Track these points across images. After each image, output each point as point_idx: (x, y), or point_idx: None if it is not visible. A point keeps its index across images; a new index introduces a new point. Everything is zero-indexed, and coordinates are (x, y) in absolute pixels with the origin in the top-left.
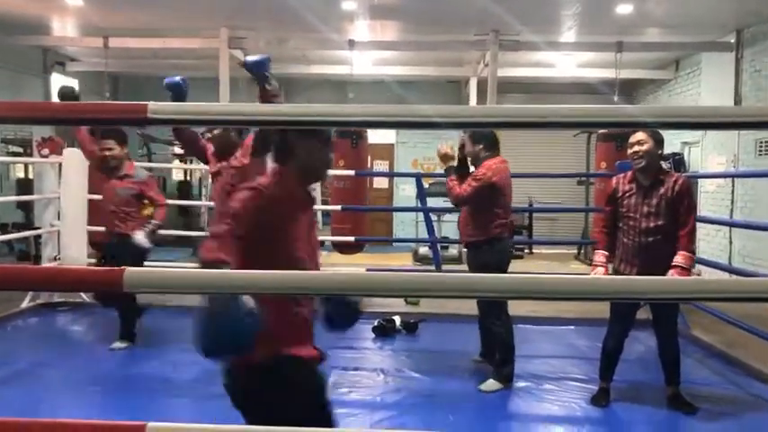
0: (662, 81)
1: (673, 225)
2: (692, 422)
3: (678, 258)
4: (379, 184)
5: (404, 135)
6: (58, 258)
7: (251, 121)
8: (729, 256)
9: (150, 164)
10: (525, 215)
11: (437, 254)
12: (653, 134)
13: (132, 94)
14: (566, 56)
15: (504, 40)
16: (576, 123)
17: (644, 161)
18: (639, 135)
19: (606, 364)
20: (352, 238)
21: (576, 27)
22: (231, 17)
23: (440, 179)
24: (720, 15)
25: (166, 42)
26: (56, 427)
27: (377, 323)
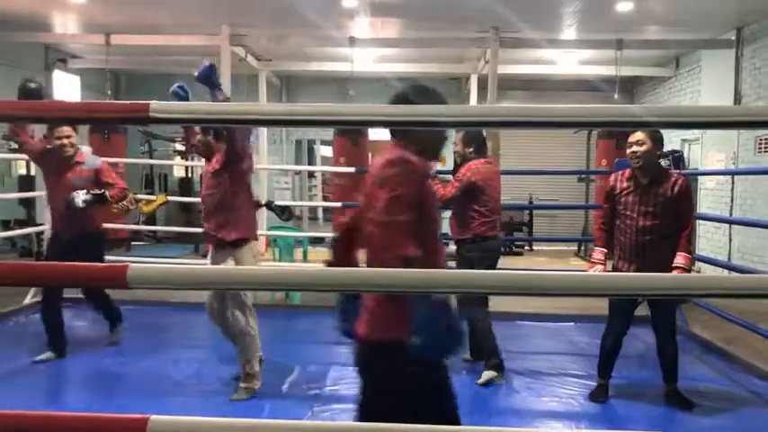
0: (662, 78)
1: (670, 225)
2: (689, 418)
3: (679, 260)
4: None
5: None
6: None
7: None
8: (729, 253)
9: (152, 161)
10: (525, 212)
11: None
12: (652, 134)
13: (134, 91)
14: (566, 53)
15: (505, 37)
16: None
17: (641, 161)
18: (638, 135)
19: (605, 361)
20: None
21: (577, 24)
22: (232, 14)
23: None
24: (721, 13)
25: (168, 39)
26: (59, 419)
27: None
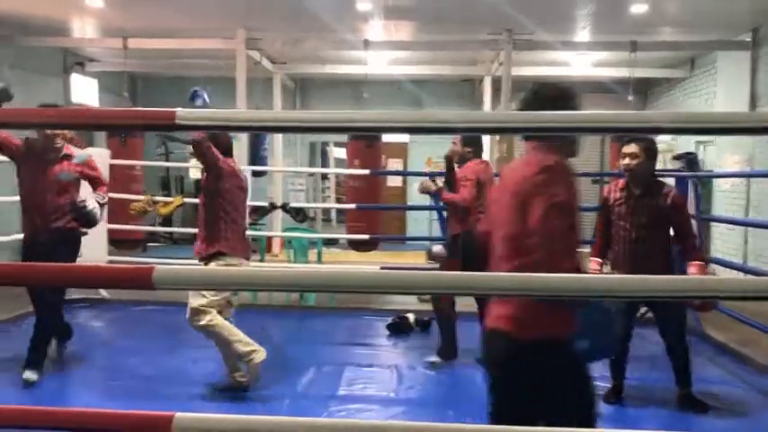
0: (677, 80)
1: (662, 236)
2: (702, 420)
3: (692, 269)
4: (393, 182)
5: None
6: (80, 256)
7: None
8: (744, 256)
9: (168, 163)
10: None
11: None
12: (645, 148)
13: (150, 93)
14: (580, 55)
15: (518, 39)
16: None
17: (634, 174)
18: (632, 148)
19: (614, 363)
20: (366, 236)
21: (591, 26)
22: (248, 18)
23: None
24: (736, 14)
25: (184, 43)
26: (86, 416)
27: (391, 320)
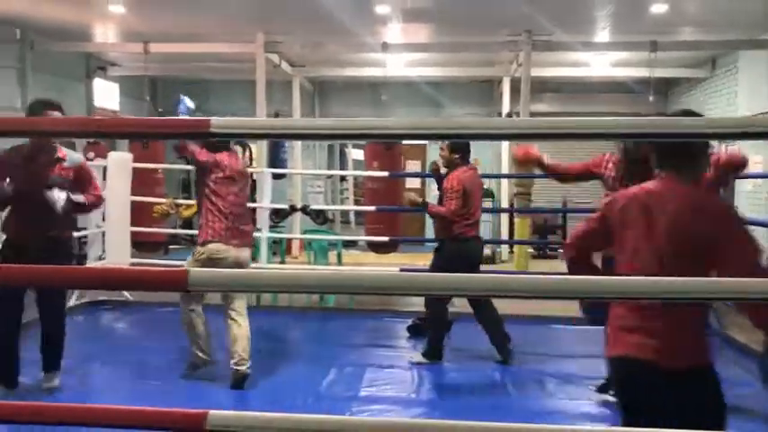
0: (698, 80)
1: None
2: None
3: None
4: (412, 184)
5: None
6: (103, 258)
7: (304, 135)
8: None
9: (189, 166)
10: (559, 215)
11: None
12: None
13: (170, 96)
14: (599, 55)
15: (538, 40)
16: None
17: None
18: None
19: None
20: (386, 238)
21: (610, 27)
22: (267, 22)
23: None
24: (757, 13)
25: (204, 47)
26: (122, 413)
27: (411, 322)
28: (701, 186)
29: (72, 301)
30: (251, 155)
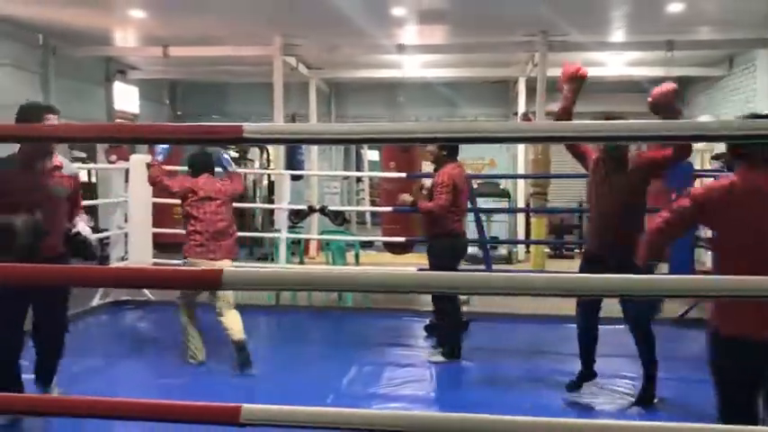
0: (715, 78)
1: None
2: None
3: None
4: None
5: None
6: (126, 259)
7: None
8: None
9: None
10: (576, 215)
11: (488, 254)
12: None
13: (189, 99)
14: (615, 55)
15: (553, 40)
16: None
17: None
18: None
19: (585, 352)
20: (402, 239)
21: (626, 27)
22: (285, 25)
23: (489, 180)
24: None
25: (223, 50)
26: (159, 407)
27: (429, 322)
28: None
29: (95, 301)
30: (268, 157)
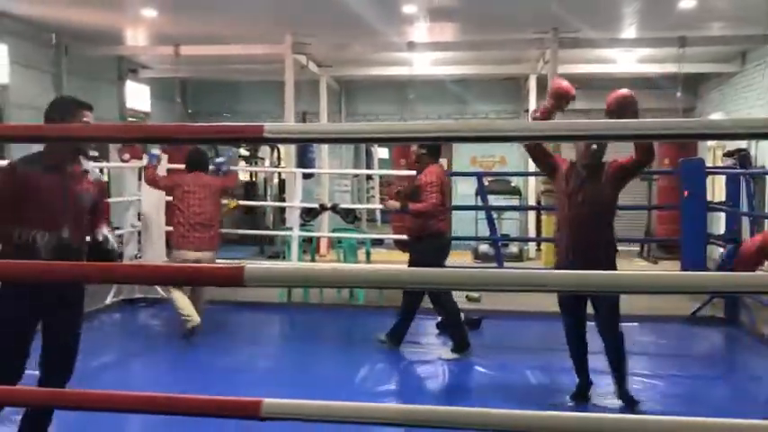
0: (728, 75)
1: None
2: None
3: None
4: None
5: None
6: (139, 257)
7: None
8: None
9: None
10: None
11: (499, 251)
12: None
13: (200, 98)
14: (626, 51)
15: (564, 37)
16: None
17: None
18: None
19: (577, 361)
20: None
21: (638, 23)
22: (295, 24)
23: (500, 177)
24: None
25: (234, 49)
26: (181, 401)
27: (441, 319)
28: None
29: (109, 299)
30: (279, 155)
